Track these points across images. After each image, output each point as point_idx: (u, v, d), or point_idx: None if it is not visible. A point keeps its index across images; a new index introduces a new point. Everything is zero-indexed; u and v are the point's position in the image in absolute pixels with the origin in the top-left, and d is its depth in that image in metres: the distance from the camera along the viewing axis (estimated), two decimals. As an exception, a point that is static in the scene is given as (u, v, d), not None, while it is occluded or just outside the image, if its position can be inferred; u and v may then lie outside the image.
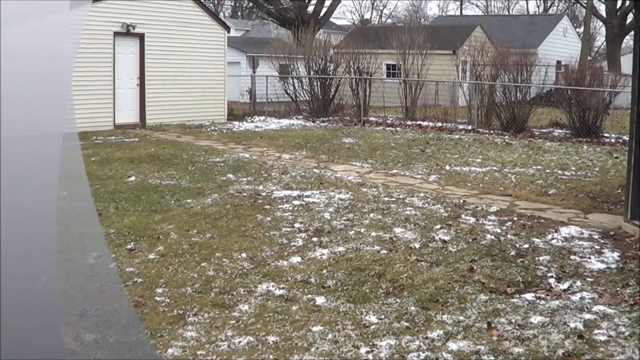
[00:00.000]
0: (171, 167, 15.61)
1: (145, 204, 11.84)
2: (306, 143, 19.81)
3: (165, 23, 25.03)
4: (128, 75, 24.11)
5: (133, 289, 7.80)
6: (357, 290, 7.76)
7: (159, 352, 6.17)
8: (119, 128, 23.17)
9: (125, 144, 19.55)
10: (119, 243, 9.57)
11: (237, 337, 6.46)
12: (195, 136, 21.73)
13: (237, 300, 7.45)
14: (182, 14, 25.65)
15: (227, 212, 11.29)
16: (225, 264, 8.62)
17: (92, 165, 15.84)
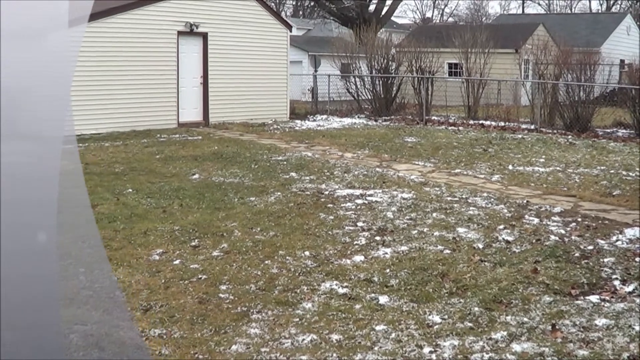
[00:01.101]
0: (234, 165, 15.71)
1: (208, 202, 11.94)
2: (368, 142, 19.79)
3: (228, 22, 25.19)
4: (191, 73, 24.31)
5: (197, 285, 7.88)
6: (421, 289, 7.75)
7: (223, 348, 6.22)
8: (183, 126, 23.38)
9: (189, 142, 19.71)
10: (183, 240, 9.67)
11: (300, 335, 6.49)
12: (258, 134, 21.82)
13: (300, 298, 7.48)
14: (244, 13, 25.79)
15: (290, 210, 11.34)
16: (289, 262, 8.67)
17: (156, 162, 16.02)
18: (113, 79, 21.95)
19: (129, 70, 22.30)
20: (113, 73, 21.96)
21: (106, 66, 21.81)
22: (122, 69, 22.16)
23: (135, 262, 8.75)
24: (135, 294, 7.63)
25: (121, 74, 22.13)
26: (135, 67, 22.48)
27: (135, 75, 22.46)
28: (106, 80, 21.79)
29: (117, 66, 22.06)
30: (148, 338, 6.45)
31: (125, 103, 22.17)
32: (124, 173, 14.73)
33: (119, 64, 22.10)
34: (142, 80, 22.64)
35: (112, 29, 21.96)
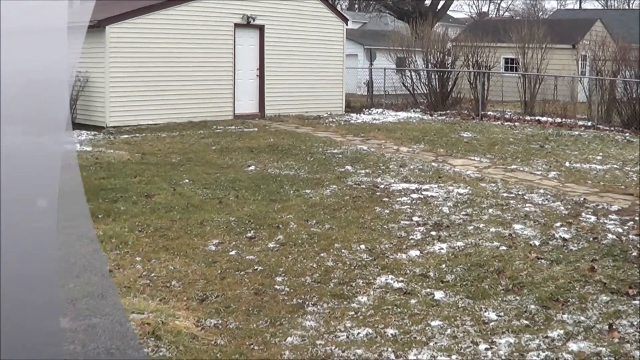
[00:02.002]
0: (290, 157, 15.75)
1: (264, 193, 11.99)
2: (424, 136, 19.71)
3: (284, 15, 25.24)
4: (248, 66, 24.40)
5: (253, 276, 7.92)
6: (476, 286, 7.71)
7: (278, 339, 6.24)
8: (239, 118, 23.47)
9: (245, 133, 19.79)
10: (239, 231, 9.73)
11: (355, 329, 6.50)
12: (313, 127, 21.83)
13: (355, 291, 7.49)
14: (301, 5, 25.82)
15: (345, 204, 11.35)
16: (344, 255, 8.68)
17: (212, 154, 16.12)
18: (170, 70, 22.11)
19: (186, 61, 22.45)
20: (170, 64, 22.13)
21: (164, 57, 21.98)
22: (179, 61, 22.31)
23: (191, 252, 8.82)
24: (192, 284, 7.69)
25: (178, 65, 22.29)
26: (193, 59, 22.62)
27: (192, 67, 22.60)
28: (163, 72, 21.96)
29: (175, 58, 22.22)
30: (204, 328, 6.50)
31: (182, 94, 22.32)
32: (180, 163, 14.84)
33: (177, 55, 22.25)
34: (199, 71, 22.78)
35: (170, 21, 22.11)
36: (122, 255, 8.65)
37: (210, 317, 6.73)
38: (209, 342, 6.16)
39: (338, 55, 27.39)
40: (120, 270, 8.10)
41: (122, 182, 12.87)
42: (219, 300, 7.21)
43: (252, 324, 6.60)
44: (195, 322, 6.61)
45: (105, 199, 11.57)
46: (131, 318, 6.44)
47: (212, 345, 6.10)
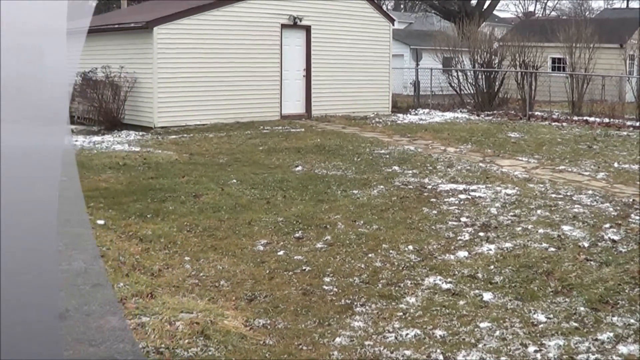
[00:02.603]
0: (337, 157, 15.76)
1: (312, 194, 12.02)
2: (471, 137, 19.63)
3: (330, 15, 25.24)
4: (294, 66, 24.45)
5: (301, 276, 7.94)
6: (525, 287, 7.67)
7: (327, 340, 6.25)
8: (285, 118, 23.53)
9: (292, 134, 19.83)
10: (287, 231, 9.76)
11: (404, 330, 6.49)
12: (360, 127, 21.83)
13: (404, 292, 7.49)
14: (347, 6, 25.80)
15: (393, 204, 11.34)
16: (392, 256, 8.67)
17: (260, 154, 16.18)
18: (217, 71, 22.22)
19: (233, 62, 22.54)
20: (217, 65, 22.23)
21: (211, 58, 22.10)
22: (226, 61, 22.42)
23: (240, 252, 8.86)
24: (240, 284, 7.73)
25: (225, 66, 22.39)
26: (240, 60, 22.71)
27: (239, 68, 22.69)
28: (210, 72, 22.07)
29: (222, 58, 22.33)
30: (252, 328, 6.53)
31: (229, 95, 22.42)
32: (228, 164, 14.91)
33: (224, 56, 22.36)
34: (246, 72, 22.87)
35: (217, 22, 22.23)
36: (171, 255, 8.72)
37: (259, 317, 6.76)
38: (257, 342, 6.19)
39: (384, 55, 27.34)
40: (169, 270, 8.16)
41: (170, 182, 12.97)
42: (268, 300, 7.24)
43: (300, 324, 6.62)
44: (244, 321, 6.63)
45: (153, 199, 11.67)
46: (180, 317, 6.47)
47: (260, 345, 6.12)
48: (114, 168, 14.54)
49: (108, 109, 21.69)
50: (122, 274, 7.86)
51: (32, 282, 6.31)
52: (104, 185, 12.83)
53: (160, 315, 6.48)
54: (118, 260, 8.38)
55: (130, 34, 22.37)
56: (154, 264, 8.33)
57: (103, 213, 10.77)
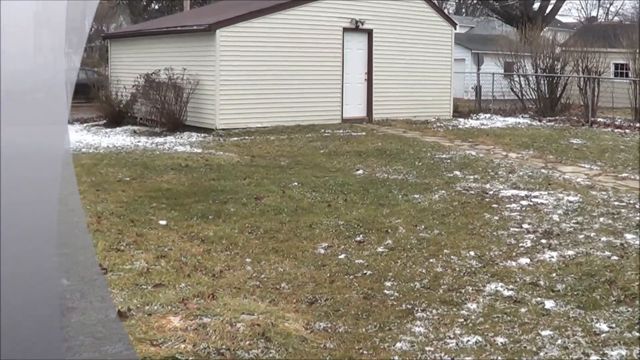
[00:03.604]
0: (398, 161, 15.74)
1: (373, 197, 12.02)
2: (533, 142, 19.46)
3: (392, 19, 25.20)
4: (356, 70, 24.46)
5: (362, 280, 7.94)
6: (587, 296, 7.57)
7: (388, 345, 6.24)
8: (346, 122, 23.55)
9: (353, 137, 19.84)
10: (348, 234, 9.77)
11: (465, 336, 6.45)
12: (421, 132, 21.78)
13: (465, 298, 7.44)
14: (409, 9, 25.75)
15: (454, 209, 11.29)
16: (453, 262, 8.63)
17: (321, 157, 16.22)
18: (279, 73, 22.32)
19: (295, 65, 22.63)
20: (279, 68, 22.33)
21: (273, 61, 22.21)
22: (288, 64, 22.51)
23: (301, 254, 8.89)
24: (301, 286, 7.74)
25: (287, 69, 22.49)
26: (301, 63, 22.79)
27: (301, 71, 22.77)
28: (272, 75, 22.19)
29: (283, 61, 22.42)
30: (313, 331, 6.53)
31: (291, 98, 22.51)
32: (289, 166, 14.97)
33: (285, 59, 22.45)
34: (308, 75, 22.93)
35: (279, 25, 22.34)
36: (232, 256, 8.78)
37: (320, 320, 6.77)
38: (318, 345, 6.19)
39: (446, 59, 27.24)
40: (231, 271, 8.21)
41: (231, 184, 13.06)
42: (328, 303, 7.24)
43: (361, 328, 6.61)
44: (305, 324, 6.64)
45: (215, 200, 11.76)
46: (241, 319, 6.50)
47: (321, 349, 6.12)
48: (176, 169, 14.68)
49: (170, 111, 21.88)
50: (184, 275, 7.93)
51: (32, 282, 6.35)
52: (166, 186, 12.96)
53: (222, 317, 6.52)
54: (180, 261, 8.46)
55: (193, 36, 22.57)
56: (215, 265, 8.38)
57: (165, 214, 10.88)
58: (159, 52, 24.40)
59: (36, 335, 5.66)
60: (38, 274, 6.38)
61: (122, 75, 26.17)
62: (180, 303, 6.95)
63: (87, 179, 13.66)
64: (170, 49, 23.87)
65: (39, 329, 5.81)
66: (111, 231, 9.81)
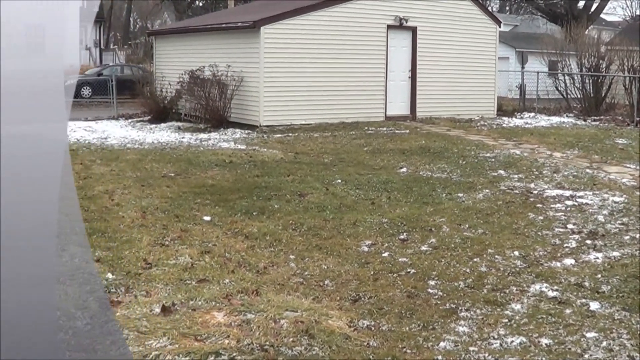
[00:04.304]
0: (442, 160, 15.72)
1: (416, 196, 12.01)
2: (577, 142, 19.31)
3: (437, 16, 25.13)
4: (400, 67, 24.41)
5: (406, 279, 7.93)
6: (633, 298, 7.49)
7: (431, 344, 6.22)
8: (390, 119, 23.52)
9: (396, 135, 19.82)
10: (391, 233, 9.77)
11: (509, 337, 6.41)
12: (465, 130, 21.71)
13: (509, 298, 7.40)
14: (453, 7, 25.65)
15: (498, 209, 11.24)
16: (498, 261, 8.59)
17: (364, 155, 16.22)
18: (323, 71, 22.35)
19: (338, 62, 22.64)
20: (323, 65, 22.36)
21: (316, 58, 22.24)
22: (331, 62, 22.53)
23: (344, 252, 8.90)
24: (345, 284, 7.75)
25: (331, 66, 22.50)
26: (345, 60, 22.79)
27: (344, 68, 22.77)
28: (316, 72, 22.21)
29: (327, 58, 22.45)
30: (356, 329, 6.53)
31: (334, 95, 22.53)
32: (332, 164, 14.99)
33: (329, 56, 22.47)
34: (352, 73, 22.93)
35: (323, 22, 22.36)
36: (276, 253, 8.81)
37: (363, 318, 6.76)
38: (361, 343, 6.18)
39: (490, 57, 27.12)
40: (275, 268, 8.24)
41: (275, 180, 13.11)
42: (372, 301, 7.24)
43: (404, 327, 6.59)
44: (348, 322, 6.64)
45: (259, 196, 11.81)
46: (285, 315, 6.52)
47: (364, 347, 6.12)
48: (221, 165, 14.76)
49: (215, 107, 21.98)
50: (227, 270, 7.98)
51: (32, 282, 6.40)
52: (211, 182, 13.04)
53: (265, 313, 6.54)
54: (224, 257, 8.51)
55: (238, 33, 22.65)
56: (259, 261, 8.42)
57: (210, 210, 10.95)
58: (203, 49, 24.52)
59: (36, 335, 5.71)
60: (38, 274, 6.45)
61: (167, 71, 26.35)
62: (224, 299, 6.99)
63: (132, 174, 13.78)
64: (214, 46, 23.99)
65: (39, 329, 5.85)
66: (156, 226, 9.90)
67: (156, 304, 6.81)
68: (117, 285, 7.40)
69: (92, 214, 10.54)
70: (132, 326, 6.24)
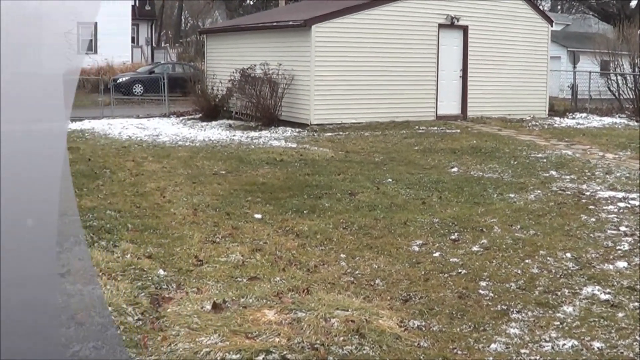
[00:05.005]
0: (493, 160, 15.65)
1: (467, 196, 11.97)
2: (630, 143, 19.08)
3: (488, 15, 24.98)
4: (451, 67, 24.32)
5: (457, 279, 7.90)
6: (688, 301, 7.42)
7: (482, 345, 6.20)
8: (440, 119, 23.45)
9: (447, 135, 19.77)
10: (442, 233, 9.74)
11: (561, 339, 6.36)
12: (516, 130, 21.59)
13: (561, 301, 7.34)
14: (505, 6, 25.47)
15: (550, 210, 11.16)
16: (549, 263, 8.52)
17: (415, 154, 16.20)
18: (373, 69, 22.34)
19: (389, 61, 22.61)
20: (374, 64, 22.35)
21: (367, 57, 22.24)
22: (382, 60, 22.50)
23: (395, 251, 8.89)
24: (395, 284, 7.74)
25: (382, 65, 22.48)
26: (396, 59, 22.75)
27: (395, 67, 22.73)
28: (366, 71, 22.22)
29: (378, 57, 22.43)
30: (407, 329, 6.52)
31: (385, 94, 22.51)
32: (383, 163, 14.99)
33: (380, 55, 22.45)
34: (402, 71, 22.89)
35: (374, 21, 22.35)
36: (326, 252, 8.82)
37: (414, 318, 6.75)
38: (412, 343, 6.17)
39: (542, 57, 26.90)
40: (325, 266, 8.25)
41: (326, 179, 13.14)
42: (423, 301, 7.22)
43: (455, 328, 6.57)
44: (399, 322, 6.63)
45: (310, 195, 11.85)
46: (335, 314, 6.53)
47: (415, 347, 6.10)
48: (271, 163, 14.82)
49: (265, 105, 22.07)
50: (278, 269, 8.02)
51: (32, 282, 6.42)
52: (262, 180, 13.10)
53: (316, 311, 6.55)
54: (275, 255, 8.54)
55: (289, 31, 22.72)
56: (310, 259, 8.44)
57: (261, 207, 11.00)
58: (254, 47, 24.62)
59: (36, 335, 5.74)
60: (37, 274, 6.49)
61: (218, 69, 26.49)
62: (275, 297, 7.02)
63: (183, 172, 13.89)
64: (265, 44, 24.08)
65: (39, 329, 5.89)
66: (207, 223, 9.97)
67: (207, 300, 6.85)
68: (168, 282, 7.46)
69: (144, 211, 10.64)
70: (183, 323, 6.30)
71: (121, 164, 14.80)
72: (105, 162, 14.91)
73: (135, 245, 8.73)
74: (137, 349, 5.80)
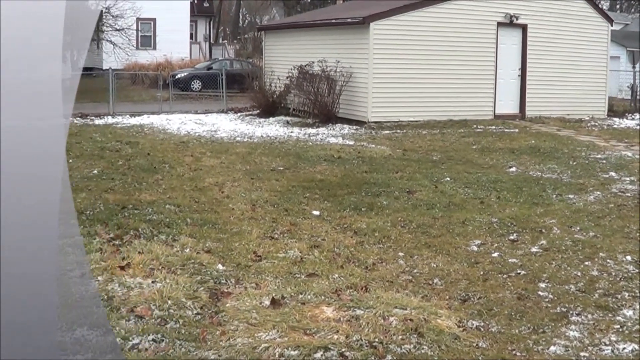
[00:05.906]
0: (552, 160, 15.53)
1: (526, 196, 11.89)
2: (691, 145, 18.85)
3: (547, 14, 24.75)
4: (509, 65, 24.16)
5: (516, 280, 7.85)
6: None
7: (541, 348, 6.16)
8: (499, 118, 23.31)
9: (505, 134, 19.66)
10: (501, 233, 9.68)
11: (621, 343, 6.29)
12: (575, 130, 21.40)
13: (621, 304, 7.25)
14: (565, 5, 25.21)
15: (610, 212, 11.04)
16: (609, 265, 8.43)
17: (473, 153, 16.13)
18: (431, 67, 22.27)
19: (447, 59, 22.52)
20: (431, 62, 22.29)
21: (425, 55, 22.18)
22: (440, 59, 22.43)
23: (453, 251, 8.86)
24: (454, 283, 7.72)
25: (439, 63, 22.41)
26: (454, 57, 22.66)
27: (453, 65, 22.64)
28: (424, 69, 22.15)
29: (436, 55, 22.36)
30: (465, 329, 6.49)
31: (443, 92, 22.43)
32: (441, 161, 14.95)
33: (438, 53, 22.38)
34: (461, 70, 22.79)
35: (433, 19, 22.28)
36: (384, 250, 8.82)
37: (472, 319, 6.72)
38: (470, 343, 6.15)
39: (601, 57, 26.59)
40: (383, 264, 8.26)
41: (384, 177, 13.14)
42: (482, 302, 7.19)
43: (514, 329, 6.53)
44: (457, 322, 6.61)
45: (367, 192, 11.86)
46: (394, 313, 6.53)
47: (473, 347, 6.09)
48: (329, 160, 14.86)
49: (323, 102, 22.11)
50: (337, 266, 8.04)
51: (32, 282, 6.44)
52: (319, 177, 13.14)
53: (374, 309, 6.57)
54: (333, 252, 8.57)
55: (347, 29, 22.73)
56: (368, 257, 8.45)
57: (319, 204, 11.04)
58: (312, 44, 24.68)
59: (36, 335, 5.78)
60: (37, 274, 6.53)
61: (276, 66, 26.57)
62: (333, 294, 7.05)
63: (241, 167, 13.98)
64: (323, 42, 24.11)
65: (39, 329, 5.92)
66: (265, 219, 10.03)
67: (266, 296, 6.90)
68: (227, 277, 7.53)
69: (203, 206, 10.73)
70: (242, 318, 6.35)
71: (180, 158, 14.95)
72: (164, 157, 15.06)
73: (194, 239, 8.82)
74: (196, 343, 5.86)
